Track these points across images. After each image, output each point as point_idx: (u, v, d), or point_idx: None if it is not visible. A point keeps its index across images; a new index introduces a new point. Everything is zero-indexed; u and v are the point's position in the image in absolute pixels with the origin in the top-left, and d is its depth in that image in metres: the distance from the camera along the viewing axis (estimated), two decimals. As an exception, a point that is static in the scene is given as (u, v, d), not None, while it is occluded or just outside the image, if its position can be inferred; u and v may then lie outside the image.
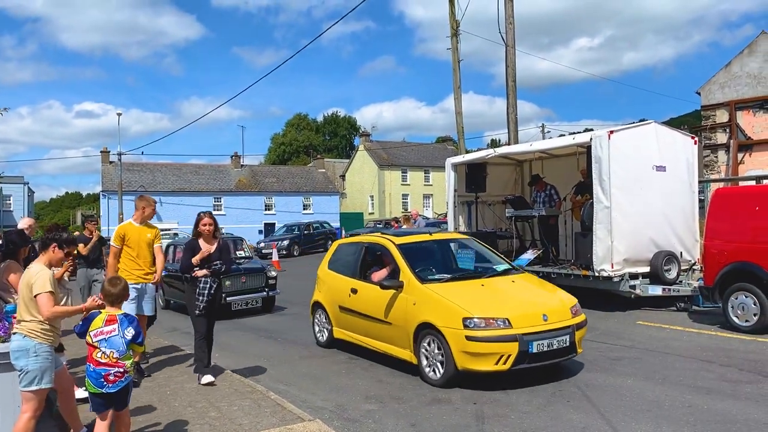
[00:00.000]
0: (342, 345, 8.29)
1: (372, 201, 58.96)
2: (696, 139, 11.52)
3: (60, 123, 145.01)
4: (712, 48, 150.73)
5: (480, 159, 13.33)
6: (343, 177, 63.65)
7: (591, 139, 10.17)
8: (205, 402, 5.92)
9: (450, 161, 13.84)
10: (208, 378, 6.51)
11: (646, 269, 10.20)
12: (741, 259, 8.52)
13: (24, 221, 7.57)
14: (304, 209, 52.89)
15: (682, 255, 10.50)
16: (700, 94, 21.22)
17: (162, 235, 8.07)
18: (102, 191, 47.49)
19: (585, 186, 10.95)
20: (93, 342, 4.19)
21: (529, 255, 11.35)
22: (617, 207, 9.84)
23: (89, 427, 4.81)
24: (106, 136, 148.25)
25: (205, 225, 6.68)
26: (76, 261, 8.58)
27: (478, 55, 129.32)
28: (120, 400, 4.27)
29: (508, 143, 16.49)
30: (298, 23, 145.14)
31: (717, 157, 20.71)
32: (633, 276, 10.14)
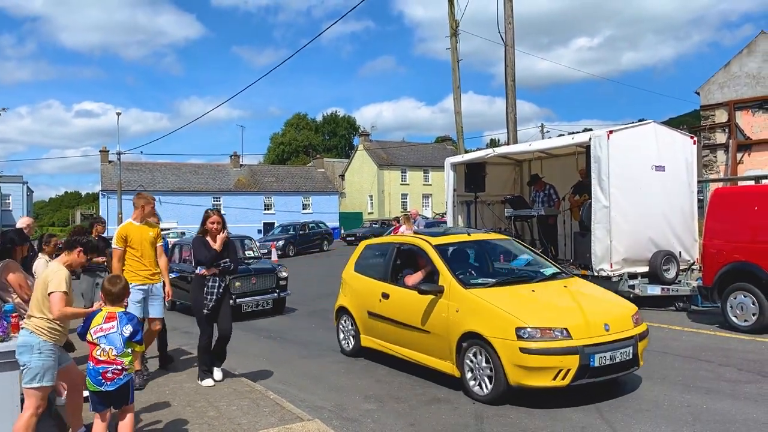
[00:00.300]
0: (371, 354, 7.68)
1: (371, 201, 58.98)
2: (695, 139, 11.53)
3: (59, 122, 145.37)
4: (711, 48, 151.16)
5: (479, 159, 13.33)
6: (343, 177, 63.65)
7: (590, 139, 10.18)
8: (204, 401, 5.92)
9: (449, 161, 13.84)
10: (209, 381, 6.46)
11: (645, 269, 10.21)
12: (740, 259, 8.53)
13: (23, 220, 7.56)
14: (303, 209, 52.92)
15: (681, 255, 10.51)
16: (699, 94, 21.22)
17: (169, 235, 7.86)
18: (101, 191, 47.50)
19: (583, 186, 10.96)
20: (93, 339, 4.20)
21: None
22: (616, 207, 9.85)
23: (88, 428, 4.80)
24: (105, 135, 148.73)
25: (213, 223, 6.45)
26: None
27: (477, 55, 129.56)
28: (119, 398, 4.24)
29: (507, 143, 16.48)
30: (297, 23, 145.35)
31: (716, 157, 20.72)
32: (632, 276, 10.14)
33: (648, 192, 10.18)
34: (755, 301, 8.26)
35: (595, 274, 10.00)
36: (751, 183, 13.44)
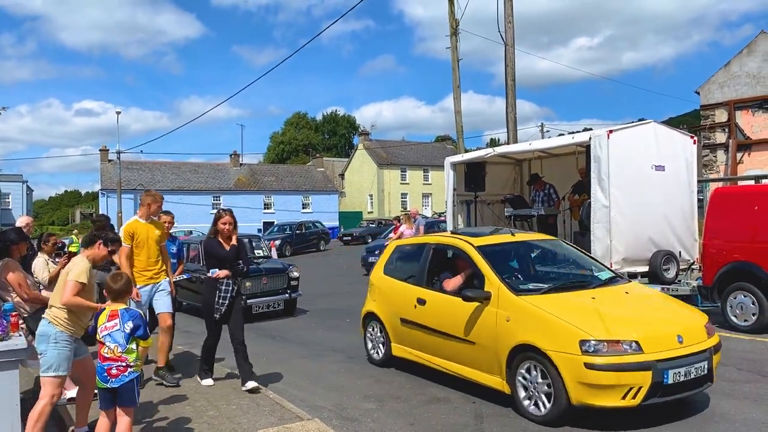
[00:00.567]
0: (403, 364, 7.13)
1: (371, 200, 58.97)
2: (695, 139, 11.51)
3: (59, 121, 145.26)
4: (711, 48, 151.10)
5: (479, 158, 13.32)
6: (342, 176, 63.66)
7: (590, 139, 10.15)
8: (204, 401, 5.92)
9: (449, 160, 13.82)
10: (208, 381, 6.46)
11: (644, 269, 10.19)
12: (740, 259, 8.53)
13: (22, 219, 7.55)
14: (303, 208, 52.95)
15: (681, 254, 10.50)
16: (699, 93, 21.23)
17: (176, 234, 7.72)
18: (101, 190, 47.54)
19: (583, 185, 10.95)
20: (100, 338, 4.32)
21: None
22: (616, 206, 9.83)
23: (90, 427, 4.81)
24: (105, 134, 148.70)
25: (225, 224, 6.26)
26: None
27: (477, 55, 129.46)
28: (123, 396, 4.26)
29: (507, 142, 16.48)
30: (297, 22, 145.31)
31: (716, 157, 20.73)
32: (632, 275, 10.10)
33: (648, 192, 10.17)
34: (755, 301, 8.26)
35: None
36: (751, 183, 13.45)
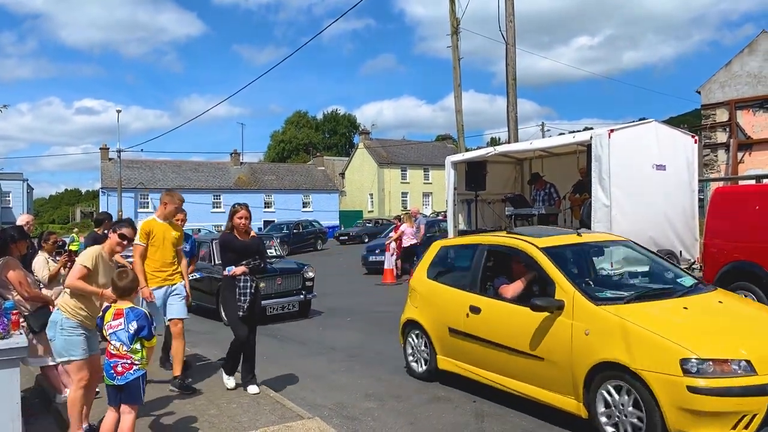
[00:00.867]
0: (449, 378, 6.40)
1: (371, 199, 58.97)
2: (696, 138, 11.51)
3: (60, 120, 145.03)
4: (712, 47, 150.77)
5: (480, 157, 13.31)
6: (343, 175, 63.66)
7: (591, 138, 10.15)
8: (205, 399, 5.92)
9: (450, 159, 13.82)
10: (231, 382, 6.19)
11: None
12: (741, 258, 8.52)
13: (22, 218, 7.56)
14: (303, 207, 52.95)
15: (681, 254, 10.50)
16: (700, 93, 21.23)
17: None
18: (101, 188, 47.53)
19: (584, 185, 10.95)
20: (106, 336, 4.36)
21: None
22: (617, 206, 9.83)
23: (92, 427, 4.82)
24: (105, 133, 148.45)
25: (241, 218, 6.04)
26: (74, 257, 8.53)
27: (478, 53, 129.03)
28: (129, 393, 4.28)
29: (508, 141, 16.47)
30: (298, 21, 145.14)
31: (717, 156, 20.73)
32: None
33: (649, 191, 10.17)
34: (756, 300, 8.25)
35: (596, 273, 9.97)
36: (752, 182, 13.44)
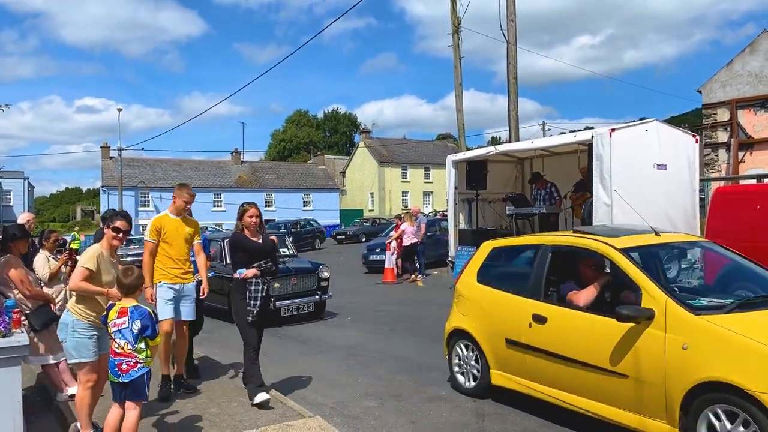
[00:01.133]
0: (503, 394, 5.73)
1: (372, 198, 58.98)
2: (697, 138, 11.50)
3: (61, 118, 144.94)
4: (713, 46, 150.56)
5: (481, 156, 13.33)
6: (343, 174, 63.66)
7: (592, 137, 10.16)
8: (206, 398, 5.93)
9: (450, 158, 13.84)
10: (263, 396, 5.55)
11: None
12: (742, 258, 8.51)
13: (23, 216, 7.55)
14: (304, 206, 52.96)
15: (682, 253, 10.50)
16: (701, 92, 21.19)
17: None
18: (102, 186, 47.60)
19: (585, 184, 10.95)
20: (110, 333, 4.36)
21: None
22: (618, 205, 9.84)
23: (97, 427, 4.82)
24: (106, 131, 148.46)
25: (251, 217, 5.78)
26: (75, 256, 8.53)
27: (479, 53, 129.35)
28: (133, 390, 4.29)
29: (509, 141, 16.47)
30: (299, 20, 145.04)
31: (718, 156, 20.70)
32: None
33: (650, 190, 10.17)
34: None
35: (597, 272, 9.95)
36: (753, 182, 13.42)
